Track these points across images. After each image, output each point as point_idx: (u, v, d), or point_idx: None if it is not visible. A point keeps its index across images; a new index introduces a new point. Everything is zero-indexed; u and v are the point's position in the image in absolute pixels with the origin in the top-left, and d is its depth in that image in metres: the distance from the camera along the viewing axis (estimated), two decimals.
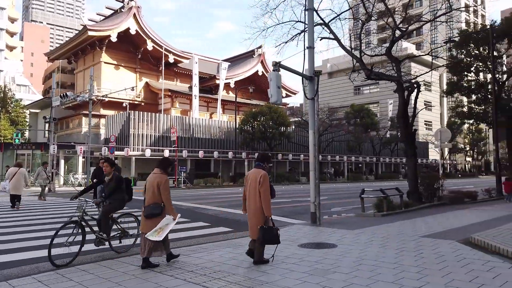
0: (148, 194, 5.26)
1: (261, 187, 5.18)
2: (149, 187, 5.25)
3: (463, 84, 21.50)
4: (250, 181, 5.39)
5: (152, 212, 5.17)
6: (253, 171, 5.52)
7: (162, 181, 5.22)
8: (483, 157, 77.91)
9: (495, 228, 7.69)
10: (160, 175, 5.29)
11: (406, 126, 13.26)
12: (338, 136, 46.36)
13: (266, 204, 5.18)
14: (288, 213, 12.56)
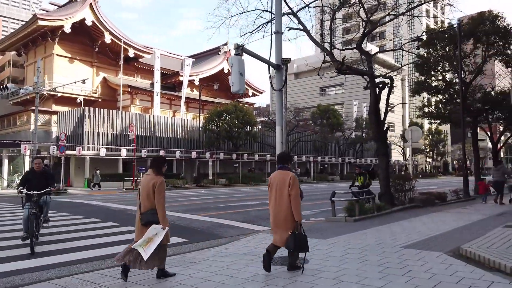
0: (143, 199, 4.65)
1: (292, 190, 4.82)
2: (144, 190, 4.64)
3: (430, 83, 21.26)
4: (276, 184, 4.96)
5: (151, 220, 4.56)
6: (279, 173, 5.07)
7: (157, 182, 4.60)
8: (442, 158, 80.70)
9: (484, 237, 6.86)
10: (155, 176, 4.67)
11: (378, 124, 12.46)
12: (305, 136, 45.89)
13: (297, 209, 4.83)
14: (253, 218, 11.37)
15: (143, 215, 4.61)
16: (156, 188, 4.55)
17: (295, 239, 4.71)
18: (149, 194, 4.57)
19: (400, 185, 13.35)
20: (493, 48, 19.75)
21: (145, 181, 4.69)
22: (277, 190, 4.92)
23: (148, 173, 4.74)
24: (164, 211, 4.59)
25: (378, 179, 12.81)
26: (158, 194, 4.56)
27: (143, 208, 4.62)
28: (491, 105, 19.64)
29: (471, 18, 19.97)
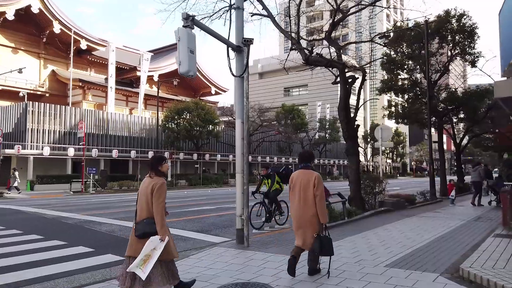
0: (140, 206, 3.97)
1: (317, 190, 4.62)
2: (142, 195, 3.96)
3: (396, 82, 20.77)
4: (300, 184, 4.74)
5: (146, 231, 3.84)
6: (301, 172, 4.84)
7: (156, 184, 3.88)
8: (401, 160, 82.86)
9: (479, 251, 5.82)
10: (156, 178, 3.98)
11: (348, 121, 11.40)
12: (269, 136, 44.90)
13: (322, 210, 4.64)
14: (209, 226, 9.89)
15: (138, 225, 3.91)
16: (154, 191, 3.84)
17: (321, 242, 4.52)
18: (148, 199, 3.88)
19: (370, 187, 12.41)
20: (458, 47, 19.53)
21: (144, 184, 4.02)
22: (301, 190, 4.70)
23: (148, 175, 4.07)
24: (163, 218, 3.86)
25: (348, 181, 11.76)
26: (156, 198, 3.83)
27: (139, 217, 3.96)
28: (457, 105, 19.37)
29: (438, 16, 19.63)
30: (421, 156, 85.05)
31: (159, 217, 3.80)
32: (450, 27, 19.31)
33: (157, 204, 3.80)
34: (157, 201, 3.81)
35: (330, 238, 4.69)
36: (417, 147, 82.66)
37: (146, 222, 3.85)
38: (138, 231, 3.87)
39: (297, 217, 4.75)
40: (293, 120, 47.02)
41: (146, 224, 3.84)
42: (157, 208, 3.80)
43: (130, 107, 41.53)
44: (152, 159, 4.14)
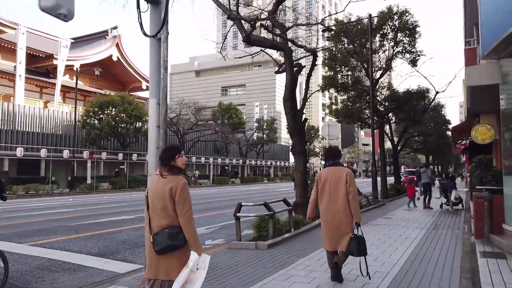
0: (155, 213, 2.99)
1: (350, 187, 4.32)
2: (156, 199, 2.97)
3: (338, 79, 19.79)
4: (330, 181, 4.42)
5: (170, 243, 2.90)
6: (332, 169, 4.52)
7: (178, 186, 2.92)
8: None
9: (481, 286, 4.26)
10: (172, 176, 2.97)
11: (295, 113, 9.69)
12: (205, 136, 42.50)
13: (356, 208, 4.34)
14: (117, 246, 7.48)
15: (156, 236, 2.92)
16: (177, 195, 2.89)
17: (358, 243, 4.25)
18: (166, 204, 2.92)
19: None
20: (400, 46, 19.06)
21: (156, 185, 2.98)
22: (331, 188, 4.39)
23: (158, 173, 3.04)
24: (194, 229, 2.97)
25: (294, 184, 10.04)
26: (181, 206, 2.89)
27: (156, 226, 2.96)
28: (398, 105, 18.86)
29: (380, 12, 18.98)
30: (352, 158, 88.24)
31: (190, 230, 2.93)
32: (392, 24, 18.78)
33: (184, 213, 2.92)
34: (183, 210, 2.92)
35: (363, 237, 4.38)
36: (349, 149, 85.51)
37: (168, 233, 2.93)
38: (158, 245, 2.93)
39: (328, 217, 4.42)
40: (230, 119, 45.13)
41: (168, 236, 2.91)
42: (186, 219, 2.92)
43: (46, 99, 36.48)
44: (162, 152, 3.21)
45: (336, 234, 4.36)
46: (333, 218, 4.38)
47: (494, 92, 7.22)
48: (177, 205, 2.90)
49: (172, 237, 2.90)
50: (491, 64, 6.70)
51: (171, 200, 2.91)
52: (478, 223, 6.82)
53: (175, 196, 2.90)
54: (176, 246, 2.91)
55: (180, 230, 2.93)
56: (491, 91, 7.18)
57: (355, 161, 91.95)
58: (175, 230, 2.92)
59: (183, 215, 2.90)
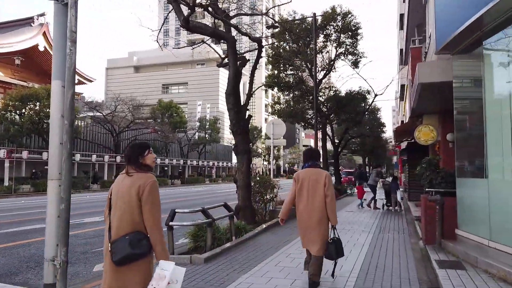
0: (117, 215, 2.61)
1: (328, 190, 4.29)
2: (120, 200, 2.63)
3: (282, 78, 19.42)
4: (308, 182, 4.35)
5: (130, 252, 2.50)
6: (310, 170, 4.43)
7: (146, 184, 2.60)
8: (276, 162, 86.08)
9: None
10: (140, 174, 2.66)
11: (239, 110, 8.87)
12: (143, 134, 40.22)
13: (333, 211, 4.29)
14: (20, 263, 6.06)
15: (116, 244, 2.52)
16: (145, 194, 2.56)
17: (336, 247, 4.28)
18: (132, 206, 2.56)
19: (260, 194, 10.12)
20: (342, 47, 19.15)
21: (121, 184, 2.67)
22: (310, 190, 4.33)
23: (124, 172, 2.73)
24: (162, 234, 2.60)
25: (236, 186, 9.21)
26: (149, 205, 2.56)
27: (116, 232, 2.57)
28: (341, 105, 18.90)
29: (324, 12, 18.92)
30: (293, 158, 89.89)
31: (156, 233, 2.52)
32: (336, 24, 18.80)
33: (152, 214, 2.53)
34: (151, 210, 2.53)
35: (340, 239, 4.42)
36: (290, 150, 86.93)
37: (130, 239, 2.48)
38: (117, 254, 2.47)
39: (305, 219, 4.38)
40: (171, 118, 43.24)
41: (130, 242, 2.47)
42: (153, 220, 2.53)
43: None
44: (129, 149, 2.78)
45: (311, 237, 4.30)
46: (309, 219, 4.31)
47: (443, 90, 6.99)
48: (144, 206, 2.55)
49: (134, 244, 2.51)
50: (443, 61, 6.43)
51: (138, 200, 2.56)
52: (428, 227, 6.50)
53: (142, 196, 2.56)
54: (139, 255, 2.51)
55: (144, 237, 2.55)
56: (440, 89, 6.94)
57: (296, 162, 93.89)
58: (138, 236, 2.54)
59: (150, 217, 2.54)
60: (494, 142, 4.82)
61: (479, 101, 5.17)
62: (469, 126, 5.73)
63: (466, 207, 5.54)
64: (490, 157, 4.81)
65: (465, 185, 5.65)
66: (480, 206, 5.05)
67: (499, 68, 4.79)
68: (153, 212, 2.57)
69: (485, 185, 4.88)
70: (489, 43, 4.81)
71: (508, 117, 4.59)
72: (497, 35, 4.64)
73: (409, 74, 10.04)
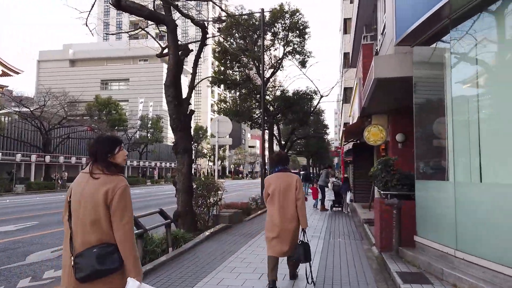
0: (79, 224, 2.19)
1: (299, 194, 4.35)
2: (84, 206, 2.18)
3: (229, 76, 18.61)
4: (279, 187, 4.36)
5: (97, 269, 2.10)
6: (281, 175, 4.46)
7: (117, 188, 2.17)
8: (222, 162, 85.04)
9: None
10: (109, 176, 2.21)
11: (180, 104, 7.89)
12: (78, 132, 37.19)
13: (304, 214, 4.35)
14: None
15: (80, 259, 2.12)
16: (115, 200, 2.13)
17: (304, 249, 4.28)
18: (98, 213, 2.13)
19: (203, 197, 9.21)
20: (290, 45, 18.80)
21: (85, 187, 2.20)
22: (281, 194, 4.35)
23: (87, 171, 2.24)
24: (135, 247, 2.19)
25: (176, 189, 8.20)
26: (120, 213, 2.14)
27: (81, 243, 2.15)
28: (288, 105, 18.51)
29: (273, 9, 18.43)
30: (239, 159, 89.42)
31: (129, 248, 2.12)
32: (284, 22, 18.40)
33: (123, 225, 2.12)
34: (122, 220, 2.12)
35: (309, 243, 4.40)
36: (236, 150, 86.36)
37: (97, 253, 2.09)
38: (82, 270, 2.09)
39: (277, 223, 4.30)
40: (109, 115, 40.51)
41: (98, 256, 2.08)
42: (125, 232, 2.11)
43: None
44: (95, 144, 2.28)
45: (283, 240, 4.28)
46: (281, 223, 4.30)
47: (400, 87, 6.61)
48: (114, 213, 2.14)
49: (102, 259, 2.10)
50: (401, 55, 6.01)
51: (106, 207, 2.14)
52: (383, 233, 6.04)
53: (111, 202, 2.14)
54: (107, 271, 2.10)
55: (114, 250, 2.15)
56: (397, 85, 6.55)
57: (242, 162, 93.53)
58: (107, 249, 2.12)
59: (121, 227, 2.13)
60: (460, 141, 4.40)
61: (442, 97, 4.75)
62: (431, 124, 5.32)
63: (427, 212, 5.10)
64: (457, 158, 4.38)
65: (426, 188, 5.23)
66: (444, 211, 4.61)
67: (467, 59, 4.37)
68: (124, 221, 2.16)
69: (450, 188, 4.44)
70: (457, 31, 4.38)
71: (475, 113, 4.17)
72: (467, 22, 4.21)
73: (360, 72, 9.74)
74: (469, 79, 4.43)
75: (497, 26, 3.98)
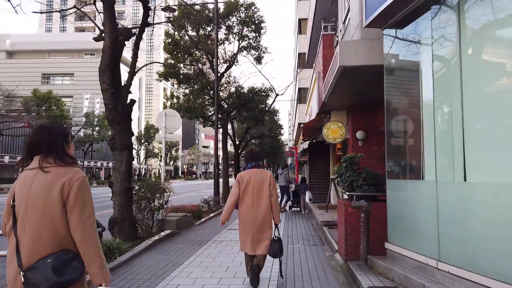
0: (27, 229, 1.81)
1: (273, 189, 4.36)
2: (32, 207, 1.82)
3: (181, 69, 17.47)
4: (253, 183, 4.34)
5: (56, 281, 1.71)
6: (254, 171, 4.44)
7: (74, 180, 1.85)
8: (174, 163, 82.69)
9: None
10: (63, 168, 1.88)
11: (117, 92, 6.77)
12: (13, 129, 33.85)
13: (278, 210, 4.41)
14: None
15: (32, 272, 1.75)
16: (72, 195, 1.82)
17: (279, 245, 4.33)
18: (52, 214, 1.80)
19: (146, 200, 8.13)
20: (245, 40, 18.04)
21: (33, 184, 1.84)
22: (255, 190, 4.34)
23: (33, 166, 1.88)
24: (100, 248, 1.88)
25: (112, 191, 7.05)
26: (79, 209, 1.83)
27: (31, 254, 1.78)
28: (244, 102, 17.71)
29: (227, 1, 17.54)
30: (192, 159, 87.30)
31: (93, 249, 1.81)
32: (239, 15, 17.59)
33: (83, 221, 1.80)
34: (82, 217, 1.80)
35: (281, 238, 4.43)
36: (189, 150, 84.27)
37: (54, 263, 1.72)
38: (37, 286, 1.72)
39: (250, 220, 4.29)
40: (49, 111, 37.41)
41: (54, 267, 1.72)
42: (87, 231, 1.80)
43: None
44: (45, 133, 1.91)
45: (257, 237, 4.26)
46: (255, 220, 4.28)
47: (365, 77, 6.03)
48: (72, 210, 1.78)
49: (60, 269, 1.72)
50: (369, 41, 5.40)
51: (62, 205, 1.78)
52: (348, 239, 5.40)
53: (68, 198, 1.79)
54: (68, 282, 1.73)
55: (74, 256, 1.78)
56: (363, 75, 5.96)
57: (195, 163, 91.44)
58: (65, 257, 1.75)
59: (81, 224, 1.77)
60: (441, 135, 3.81)
61: (420, 85, 4.16)
62: (406, 116, 4.73)
63: (401, 215, 4.50)
64: (438, 153, 3.79)
65: (400, 188, 4.62)
66: (423, 215, 4.01)
67: (451, 40, 3.79)
68: (84, 217, 1.80)
69: (431, 188, 3.83)
70: (440, 8, 3.79)
71: (458, 103, 3.60)
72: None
73: (320, 65, 9.17)
74: (452, 64, 3.86)
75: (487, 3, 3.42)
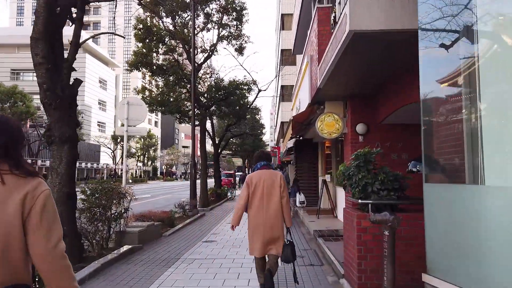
0: None
1: (284, 191, 4.11)
2: None
3: (153, 59, 15.79)
4: (263, 184, 4.11)
5: None
6: (264, 172, 4.20)
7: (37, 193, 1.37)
8: (152, 163, 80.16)
9: None
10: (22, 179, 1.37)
11: (56, 69, 5.16)
12: None
13: (289, 213, 4.16)
14: None
15: None
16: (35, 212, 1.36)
17: (292, 249, 4.07)
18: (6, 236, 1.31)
19: (101, 207, 6.51)
20: (226, 29, 16.53)
21: None
22: (265, 192, 4.11)
23: None
24: (75, 279, 1.43)
25: None
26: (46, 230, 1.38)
27: None
28: (224, 96, 16.17)
29: None
30: (171, 160, 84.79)
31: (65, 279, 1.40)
32: (218, 1, 16.07)
33: (52, 247, 1.38)
34: (50, 241, 1.38)
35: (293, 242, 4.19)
36: (168, 150, 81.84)
37: None
38: None
39: (259, 224, 4.06)
40: (14, 107, 34.80)
41: None
42: (54, 257, 1.38)
43: None
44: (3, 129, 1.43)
45: (268, 239, 4.03)
46: (266, 222, 4.03)
47: (379, 54, 4.64)
48: (36, 232, 1.36)
49: None
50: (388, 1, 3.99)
51: (20, 223, 1.35)
52: (362, 264, 3.97)
53: (29, 215, 1.36)
54: None
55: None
56: (375, 51, 4.57)
57: (175, 163, 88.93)
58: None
59: (49, 254, 1.36)
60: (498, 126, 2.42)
61: (471, 61, 2.76)
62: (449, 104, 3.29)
63: (451, 236, 3.06)
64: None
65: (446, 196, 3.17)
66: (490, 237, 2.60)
67: None
68: (53, 241, 1.38)
69: (509, 195, 2.44)
70: None
71: None
72: None
73: (314, 45, 7.78)
74: None
75: None
